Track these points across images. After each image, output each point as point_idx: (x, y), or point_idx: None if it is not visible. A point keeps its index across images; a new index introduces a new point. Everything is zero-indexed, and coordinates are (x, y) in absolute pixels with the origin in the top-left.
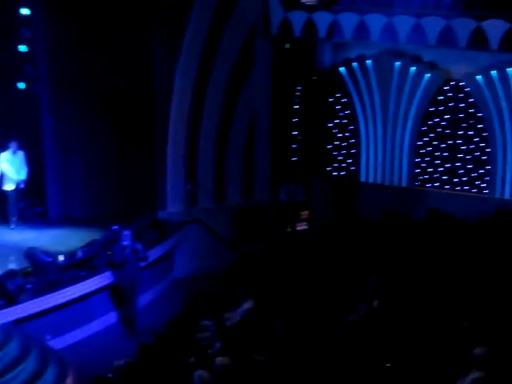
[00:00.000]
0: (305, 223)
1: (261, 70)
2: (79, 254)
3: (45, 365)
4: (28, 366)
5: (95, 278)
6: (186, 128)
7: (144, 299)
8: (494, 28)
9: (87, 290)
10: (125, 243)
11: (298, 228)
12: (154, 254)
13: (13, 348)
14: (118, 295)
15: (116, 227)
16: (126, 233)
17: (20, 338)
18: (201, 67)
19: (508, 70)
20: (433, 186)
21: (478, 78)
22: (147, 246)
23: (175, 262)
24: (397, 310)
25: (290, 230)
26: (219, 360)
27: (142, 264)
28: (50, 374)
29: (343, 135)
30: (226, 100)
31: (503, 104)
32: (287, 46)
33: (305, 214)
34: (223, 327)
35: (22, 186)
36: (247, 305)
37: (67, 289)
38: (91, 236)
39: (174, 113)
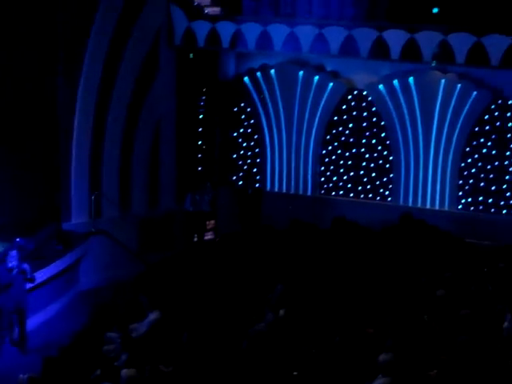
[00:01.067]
0: (211, 233)
1: (165, 80)
2: None
3: None
4: None
5: None
6: (90, 138)
7: (49, 312)
8: (395, 38)
9: None
10: (11, 264)
11: (205, 237)
12: (58, 265)
13: None
14: (4, 318)
15: (19, 239)
16: (13, 253)
17: None
18: (104, 76)
19: (409, 78)
20: (337, 195)
21: (380, 87)
22: (51, 258)
23: (81, 274)
24: (303, 318)
25: (196, 239)
26: (125, 372)
27: (29, 285)
28: None
29: (248, 144)
30: (131, 109)
31: (405, 112)
32: (191, 55)
33: (211, 223)
34: (129, 339)
35: None
36: (153, 316)
37: None
38: None
39: (77, 122)
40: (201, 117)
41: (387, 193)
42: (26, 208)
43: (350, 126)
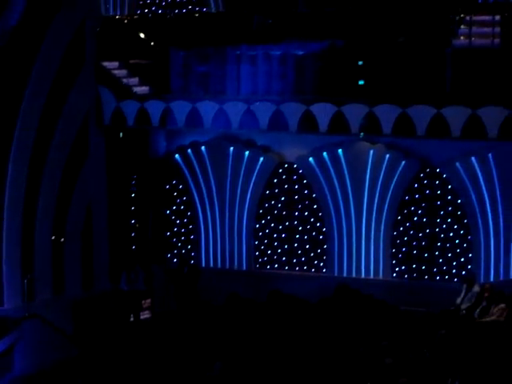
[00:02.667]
0: (147, 311)
1: (95, 160)
2: None
3: None
4: None
5: None
6: (20, 220)
7: None
8: (323, 111)
9: None
10: None
11: (141, 317)
12: None
13: None
14: None
15: None
16: None
17: None
18: (34, 159)
19: (338, 150)
20: (273, 268)
21: (310, 159)
22: None
23: (15, 360)
24: None
25: (132, 319)
26: None
27: None
28: None
29: (181, 221)
30: (61, 191)
31: (336, 184)
32: (121, 134)
33: (147, 302)
34: None
35: None
36: None
37: None
38: None
39: (7, 206)
40: (133, 195)
41: (322, 264)
42: None
43: (282, 199)
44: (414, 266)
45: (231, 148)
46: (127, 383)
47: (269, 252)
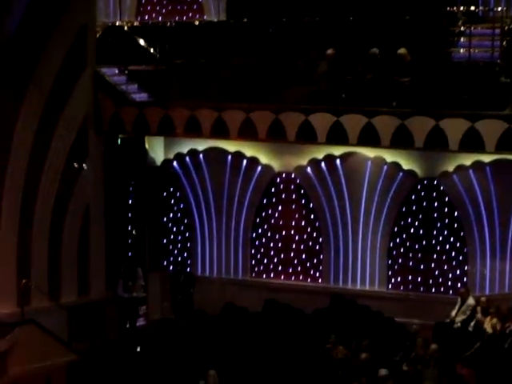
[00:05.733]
0: (143, 319)
1: (93, 165)
2: None
3: None
4: None
5: None
6: (17, 224)
7: None
8: (320, 121)
9: None
10: None
11: (137, 324)
12: None
13: None
14: None
15: None
16: None
17: None
18: (31, 163)
19: (336, 160)
20: (268, 277)
21: (308, 169)
22: None
23: (8, 366)
24: None
25: (128, 326)
26: None
27: None
28: None
29: (178, 229)
30: (59, 197)
31: (333, 193)
32: (119, 141)
33: (143, 309)
34: None
35: None
36: None
37: None
38: None
39: (4, 209)
40: (130, 202)
41: (318, 274)
42: None
43: (279, 208)
44: (409, 277)
45: (229, 157)
46: None
47: (265, 261)
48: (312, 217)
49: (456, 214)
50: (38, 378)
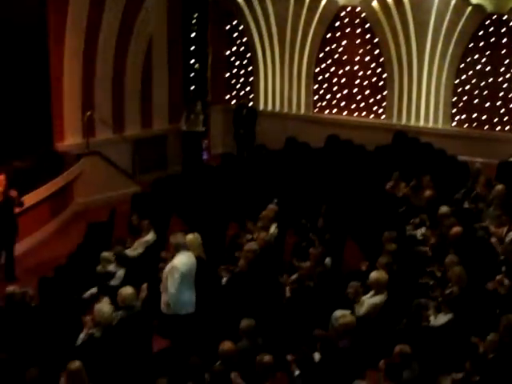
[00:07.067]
0: (206, 152)
1: None
2: None
3: None
4: None
5: None
6: (81, 58)
7: (43, 233)
8: None
9: None
10: None
11: (200, 157)
12: (52, 186)
13: None
14: None
15: None
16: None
17: None
18: None
19: None
20: (331, 113)
21: (374, 3)
22: (44, 179)
23: (75, 195)
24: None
25: (191, 159)
26: (122, 290)
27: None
28: None
29: (241, 63)
30: (122, 29)
31: (399, 28)
32: None
33: (205, 142)
34: (125, 258)
35: None
36: (149, 236)
37: None
38: None
39: (68, 41)
40: (193, 35)
41: (381, 111)
42: (18, 130)
43: (343, 43)
44: (474, 115)
45: None
46: (187, 221)
47: (328, 97)
48: (377, 52)
49: None
50: (102, 208)
